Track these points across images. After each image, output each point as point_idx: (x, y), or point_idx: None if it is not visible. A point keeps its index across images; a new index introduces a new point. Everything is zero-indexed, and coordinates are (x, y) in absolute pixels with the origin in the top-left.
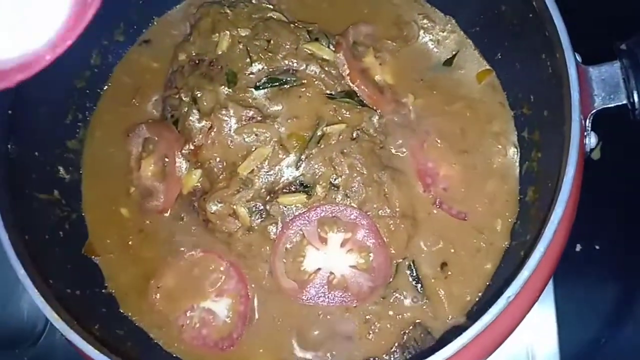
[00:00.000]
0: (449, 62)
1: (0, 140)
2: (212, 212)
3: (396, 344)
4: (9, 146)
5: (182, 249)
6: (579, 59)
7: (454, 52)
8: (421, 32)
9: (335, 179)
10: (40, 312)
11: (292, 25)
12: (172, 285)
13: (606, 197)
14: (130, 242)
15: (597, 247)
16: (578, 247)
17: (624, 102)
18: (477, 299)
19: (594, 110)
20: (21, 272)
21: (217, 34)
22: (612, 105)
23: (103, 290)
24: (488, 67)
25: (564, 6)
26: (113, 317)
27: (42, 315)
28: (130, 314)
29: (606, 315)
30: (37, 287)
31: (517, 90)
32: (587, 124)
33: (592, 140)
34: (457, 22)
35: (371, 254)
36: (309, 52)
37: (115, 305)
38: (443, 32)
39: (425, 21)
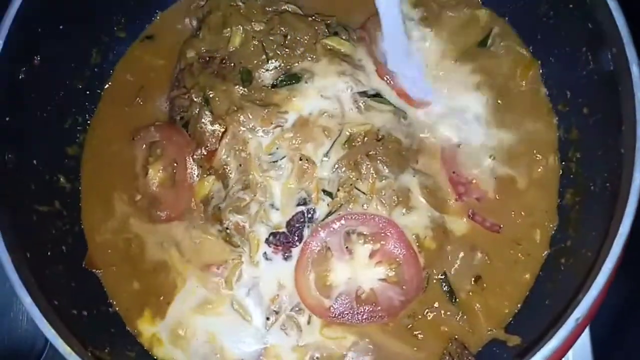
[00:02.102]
0: (483, 43)
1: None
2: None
3: None
4: (7, 156)
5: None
6: None
7: (485, 34)
8: (447, 12)
9: (360, 184)
10: (38, 331)
11: (309, 18)
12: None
13: None
14: (132, 254)
15: None
16: None
17: None
18: (515, 311)
19: None
20: (27, 301)
21: (228, 29)
22: None
23: (109, 309)
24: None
25: None
26: (122, 337)
27: (40, 335)
28: (136, 332)
29: (630, 299)
30: (48, 318)
31: (552, 86)
32: None
33: None
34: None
35: (402, 266)
36: (328, 47)
37: (123, 324)
38: (469, 10)
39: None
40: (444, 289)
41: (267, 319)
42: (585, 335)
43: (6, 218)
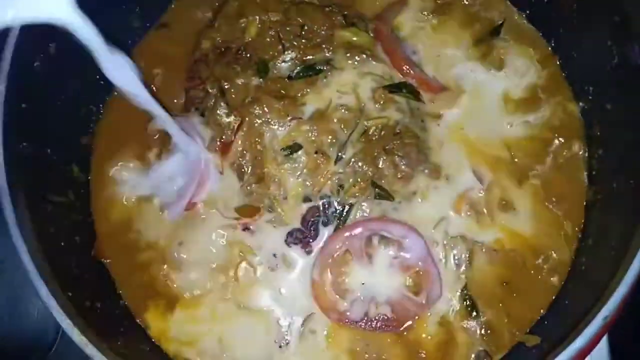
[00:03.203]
0: (495, 32)
1: (14, 140)
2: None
3: None
4: (22, 144)
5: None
6: None
7: (499, 22)
8: (462, 1)
9: (379, 179)
10: (50, 320)
11: (326, 9)
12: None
13: None
14: (139, 246)
15: None
16: None
17: None
18: (539, 316)
19: None
20: (43, 292)
21: (244, 19)
22: None
23: (120, 301)
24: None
25: None
26: (133, 330)
27: (52, 323)
28: (145, 326)
29: None
30: (64, 309)
31: (574, 82)
32: None
33: None
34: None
35: (421, 275)
36: (345, 38)
37: (133, 317)
38: None
39: None
40: (466, 303)
41: (278, 322)
42: (603, 341)
43: (22, 208)
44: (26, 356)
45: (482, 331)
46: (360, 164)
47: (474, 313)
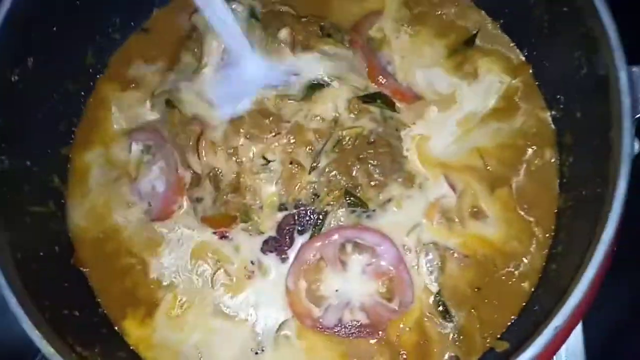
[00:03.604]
0: (470, 42)
1: None
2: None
3: None
4: (1, 158)
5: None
6: None
7: (474, 31)
8: (435, 9)
9: (353, 188)
10: None
11: (302, 19)
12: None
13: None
14: (118, 254)
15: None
16: None
17: None
18: (510, 322)
19: (639, 115)
20: (12, 302)
21: None
22: None
23: (99, 309)
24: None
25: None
26: (112, 336)
27: None
28: (123, 333)
29: (629, 314)
30: (32, 319)
31: (546, 91)
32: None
33: (635, 147)
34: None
35: (393, 282)
36: (322, 49)
37: (111, 324)
38: (457, 6)
39: None
40: (439, 308)
41: (254, 329)
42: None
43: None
44: None
45: (455, 336)
46: (334, 173)
47: (447, 318)
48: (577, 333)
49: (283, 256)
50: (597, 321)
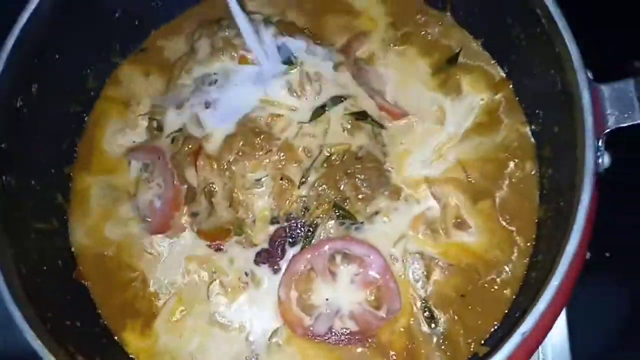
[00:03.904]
0: (453, 61)
1: None
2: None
3: None
4: (4, 178)
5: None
6: (590, 76)
7: (457, 50)
8: (420, 30)
9: (342, 201)
10: None
11: None
12: None
13: (616, 204)
14: (116, 267)
15: (608, 255)
16: (588, 255)
17: (639, 121)
18: (493, 328)
19: (607, 130)
20: (17, 315)
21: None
22: (626, 124)
23: (100, 320)
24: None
25: (576, 22)
26: (112, 346)
27: None
28: (123, 343)
29: (617, 322)
30: (35, 330)
31: (526, 106)
32: (600, 144)
33: (605, 160)
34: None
35: (380, 290)
36: None
37: (112, 335)
38: (440, 26)
39: (419, 16)
40: (425, 314)
41: (248, 338)
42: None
43: (4, 237)
44: None
45: (441, 341)
46: (323, 187)
47: (433, 324)
48: (565, 347)
49: (275, 267)
50: (585, 335)
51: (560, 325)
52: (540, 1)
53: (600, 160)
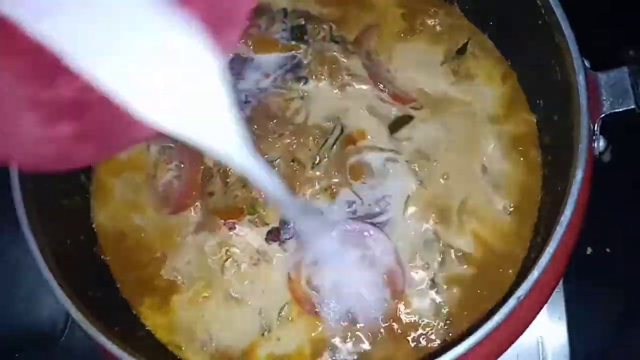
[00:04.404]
0: (462, 51)
1: None
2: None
3: None
4: None
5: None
6: (588, 65)
7: (465, 41)
8: (429, 20)
9: (350, 185)
10: (59, 314)
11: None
12: None
13: (617, 200)
14: (135, 244)
15: (609, 250)
16: (589, 251)
17: (632, 106)
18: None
19: (603, 115)
20: (53, 284)
21: None
22: (621, 110)
23: (119, 294)
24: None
25: (574, 14)
26: (131, 318)
27: (61, 317)
28: (142, 318)
29: (617, 319)
30: (65, 292)
31: (528, 95)
32: (595, 128)
33: (600, 144)
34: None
35: (387, 272)
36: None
37: (130, 307)
38: (449, 18)
39: (429, 8)
40: (431, 296)
41: (260, 312)
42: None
43: (34, 210)
44: (40, 344)
45: (445, 321)
46: (332, 170)
47: (437, 305)
48: (564, 350)
49: (285, 246)
50: (585, 331)
51: (560, 321)
52: None
53: (595, 144)
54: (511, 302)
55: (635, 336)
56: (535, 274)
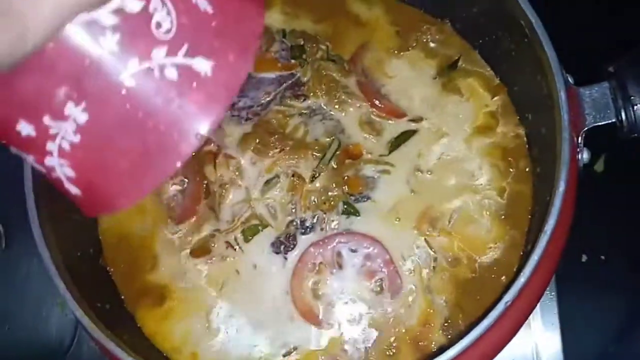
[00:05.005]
0: (453, 66)
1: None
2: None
3: None
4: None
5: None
6: (571, 80)
7: (457, 57)
8: (422, 37)
9: (348, 197)
10: (67, 330)
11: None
12: None
13: (611, 208)
14: (136, 256)
15: (603, 258)
16: (584, 258)
17: (613, 120)
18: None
19: (586, 128)
20: (62, 287)
21: None
22: (603, 123)
23: (123, 305)
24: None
25: (559, 33)
26: (135, 330)
27: (69, 333)
28: (143, 327)
29: (612, 326)
30: (77, 302)
31: (517, 110)
32: (579, 141)
33: (584, 155)
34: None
35: (385, 280)
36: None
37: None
38: (442, 35)
39: (422, 25)
40: (427, 301)
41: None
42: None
43: (47, 224)
44: (49, 356)
45: (444, 324)
46: (331, 183)
47: (435, 309)
48: (558, 352)
49: (287, 257)
50: (579, 339)
51: (554, 329)
52: (523, 13)
53: (579, 156)
54: (499, 307)
55: (630, 343)
56: (521, 280)
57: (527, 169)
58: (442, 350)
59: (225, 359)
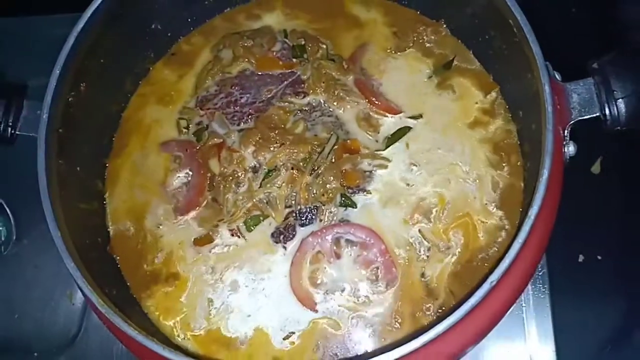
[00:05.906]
0: (448, 66)
1: (53, 158)
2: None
3: None
4: (59, 162)
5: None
6: (559, 77)
7: (451, 57)
8: (418, 37)
9: (346, 189)
10: (74, 318)
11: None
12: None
13: (608, 209)
14: (143, 245)
15: (600, 258)
16: (580, 258)
17: (597, 114)
18: None
19: (572, 122)
20: (81, 283)
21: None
22: (588, 117)
23: (129, 291)
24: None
25: (546, 32)
26: (142, 316)
27: (76, 322)
28: (148, 313)
29: (608, 327)
30: (87, 282)
31: (509, 107)
32: (565, 134)
33: (571, 148)
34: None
35: (380, 269)
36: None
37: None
38: (437, 35)
39: (418, 26)
40: (423, 290)
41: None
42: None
43: (60, 212)
44: (55, 347)
45: (437, 311)
46: (329, 177)
47: (430, 297)
48: (551, 353)
49: (286, 247)
50: (571, 347)
51: (547, 330)
52: (512, 13)
53: (565, 149)
54: (485, 287)
55: (626, 346)
56: (506, 261)
57: (518, 163)
58: (432, 324)
59: (226, 342)
